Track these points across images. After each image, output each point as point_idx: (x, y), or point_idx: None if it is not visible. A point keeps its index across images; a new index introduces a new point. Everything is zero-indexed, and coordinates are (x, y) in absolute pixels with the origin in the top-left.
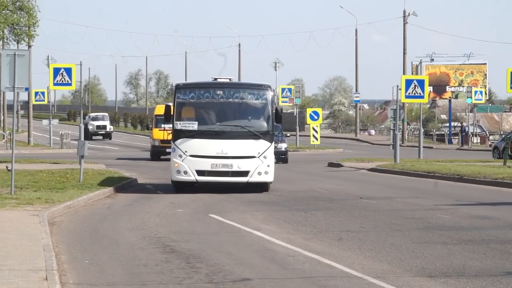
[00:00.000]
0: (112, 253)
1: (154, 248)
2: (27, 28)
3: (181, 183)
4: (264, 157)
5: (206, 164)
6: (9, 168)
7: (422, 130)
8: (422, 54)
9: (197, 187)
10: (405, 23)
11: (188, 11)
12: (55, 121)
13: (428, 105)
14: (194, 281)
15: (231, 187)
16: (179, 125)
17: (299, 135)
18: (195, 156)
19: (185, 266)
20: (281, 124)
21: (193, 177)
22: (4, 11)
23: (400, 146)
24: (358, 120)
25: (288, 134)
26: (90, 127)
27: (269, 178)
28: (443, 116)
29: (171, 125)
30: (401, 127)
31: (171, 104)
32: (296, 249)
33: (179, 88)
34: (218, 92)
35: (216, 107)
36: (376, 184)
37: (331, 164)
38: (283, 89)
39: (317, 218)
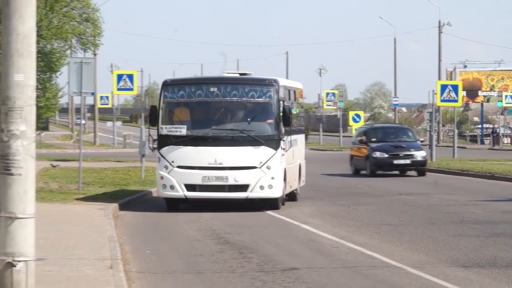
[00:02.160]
0: (171, 244)
1: (209, 239)
2: (92, 38)
3: (170, 200)
4: (268, 167)
5: (196, 177)
6: (54, 165)
7: (456, 131)
8: (456, 61)
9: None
10: (440, 32)
11: (238, 21)
12: (118, 123)
13: (462, 108)
14: (246, 270)
15: (232, 202)
16: (165, 130)
17: (342, 136)
18: (183, 167)
19: (238, 256)
20: (290, 127)
21: (181, 192)
22: (72, 23)
23: (436, 146)
24: (397, 122)
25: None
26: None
27: (274, 193)
28: (476, 119)
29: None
30: (436, 128)
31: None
32: (340, 241)
33: (166, 85)
34: (212, 89)
35: (210, 107)
36: (415, 181)
37: None
38: (327, 94)
39: (359, 212)
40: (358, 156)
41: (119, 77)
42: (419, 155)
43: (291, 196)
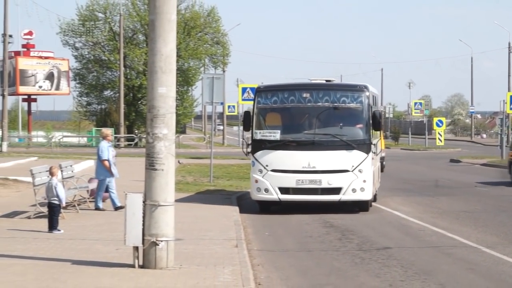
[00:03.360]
0: (286, 227)
1: (317, 223)
2: (222, 58)
3: (263, 202)
4: (360, 170)
5: (290, 180)
6: (180, 162)
7: None
8: None
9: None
10: (510, 52)
11: (342, 44)
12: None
13: None
14: (348, 249)
15: (322, 205)
16: (259, 135)
17: (428, 138)
18: (277, 171)
19: (341, 237)
20: (381, 131)
21: (275, 195)
22: (205, 45)
23: (506, 146)
24: (473, 126)
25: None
26: None
27: (366, 195)
28: None
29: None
30: (506, 132)
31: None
32: (425, 225)
33: (259, 91)
34: (305, 95)
35: (302, 112)
36: (487, 175)
37: (452, 160)
38: (415, 103)
39: (441, 201)
40: None
41: (244, 89)
42: None
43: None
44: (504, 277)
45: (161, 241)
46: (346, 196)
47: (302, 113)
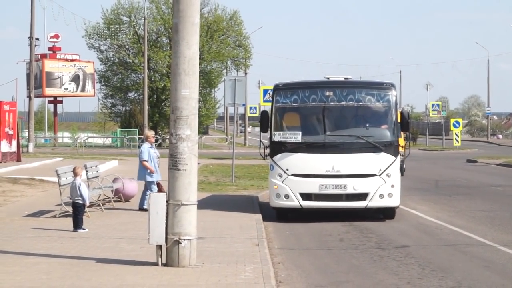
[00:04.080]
0: (306, 226)
1: (336, 222)
2: (244, 60)
3: (283, 209)
4: (387, 175)
5: (313, 186)
6: (199, 162)
7: None
8: None
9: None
10: None
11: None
12: None
13: None
14: (366, 247)
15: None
16: (279, 136)
17: (445, 139)
18: (299, 176)
19: (360, 236)
20: (409, 133)
21: (296, 202)
22: (227, 48)
23: None
24: (489, 127)
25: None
26: None
27: (394, 202)
28: None
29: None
30: None
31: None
32: (442, 224)
33: (278, 89)
34: (328, 93)
35: (325, 112)
36: (503, 175)
37: (468, 160)
38: (433, 104)
39: (457, 200)
40: None
41: (265, 91)
42: None
43: None
44: None
45: (184, 239)
46: (373, 202)
47: (326, 113)
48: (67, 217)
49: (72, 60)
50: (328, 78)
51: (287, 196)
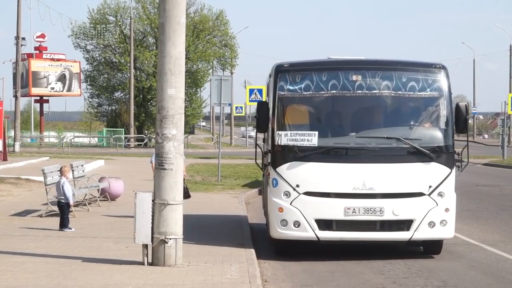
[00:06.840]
0: None
1: None
2: (230, 60)
3: (290, 242)
4: (440, 194)
5: (335, 209)
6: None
7: None
8: None
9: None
10: (511, 54)
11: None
12: (250, 128)
13: None
14: (352, 247)
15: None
16: (285, 138)
17: None
18: (314, 194)
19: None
20: (468, 134)
21: (310, 232)
22: (213, 48)
23: (507, 146)
24: (475, 127)
25: None
26: None
27: (448, 232)
28: None
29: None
30: (507, 132)
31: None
32: None
33: (282, 71)
34: (354, 78)
35: (350, 104)
36: (489, 175)
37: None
38: None
39: None
40: None
41: (251, 91)
42: None
43: None
44: (505, 274)
45: (170, 239)
46: (419, 233)
47: (350, 105)
48: (54, 217)
49: (58, 60)
50: (330, 58)
51: (297, 224)
